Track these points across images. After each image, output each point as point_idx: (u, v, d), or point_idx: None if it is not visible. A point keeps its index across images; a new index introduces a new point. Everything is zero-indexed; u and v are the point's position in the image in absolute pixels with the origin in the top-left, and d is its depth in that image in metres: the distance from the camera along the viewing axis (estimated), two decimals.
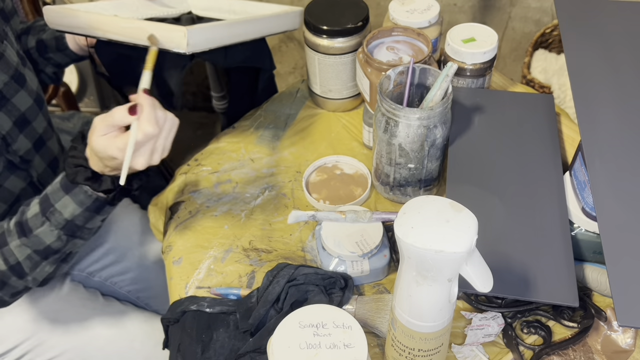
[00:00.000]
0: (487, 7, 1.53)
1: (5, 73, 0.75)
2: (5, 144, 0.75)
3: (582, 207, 0.66)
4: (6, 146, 0.75)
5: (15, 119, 0.76)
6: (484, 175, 0.72)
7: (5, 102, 0.74)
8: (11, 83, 0.75)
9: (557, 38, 1.52)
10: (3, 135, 0.74)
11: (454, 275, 0.49)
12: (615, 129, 0.66)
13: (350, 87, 0.90)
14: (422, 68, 0.72)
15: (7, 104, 0.75)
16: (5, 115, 0.75)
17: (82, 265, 0.95)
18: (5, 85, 0.74)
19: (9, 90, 0.75)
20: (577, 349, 0.64)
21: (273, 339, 0.49)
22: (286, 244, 0.76)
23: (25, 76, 0.78)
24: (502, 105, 0.79)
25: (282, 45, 1.66)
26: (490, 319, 0.65)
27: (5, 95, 0.74)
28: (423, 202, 0.49)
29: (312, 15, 0.85)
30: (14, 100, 0.76)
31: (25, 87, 0.77)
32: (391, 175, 0.75)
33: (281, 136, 0.91)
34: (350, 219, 0.70)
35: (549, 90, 1.42)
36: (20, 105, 0.77)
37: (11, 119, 0.75)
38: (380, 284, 0.71)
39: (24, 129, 0.78)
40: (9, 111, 0.75)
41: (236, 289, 0.70)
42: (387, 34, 0.82)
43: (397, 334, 0.55)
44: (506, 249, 0.65)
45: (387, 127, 0.70)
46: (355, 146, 0.88)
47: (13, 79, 0.75)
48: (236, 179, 0.85)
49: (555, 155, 0.73)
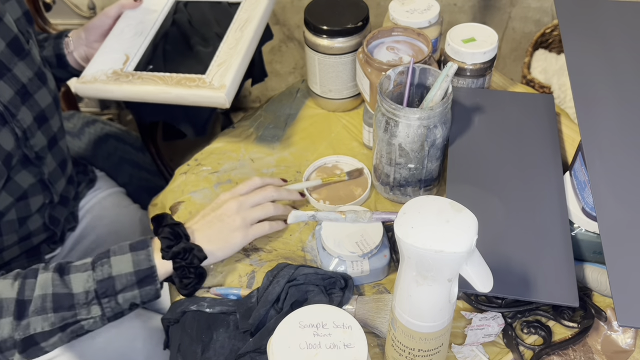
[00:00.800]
0: (487, 7, 1.53)
1: (31, 69, 0.78)
2: (25, 138, 0.77)
3: (582, 207, 0.66)
4: (25, 140, 0.77)
5: (35, 114, 0.79)
6: (484, 175, 0.72)
7: (28, 97, 0.77)
8: (35, 80, 0.78)
9: (557, 38, 1.52)
10: (24, 129, 0.76)
11: (454, 275, 0.49)
12: (615, 129, 0.66)
13: (350, 87, 0.90)
14: (422, 68, 0.72)
15: (30, 99, 0.78)
16: (28, 110, 0.77)
17: None
18: (29, 81, 0.78)
19: (32, 86, 0.78)
20: (577, 349, 0.64)
21: (273, 339, 0.49)
22: (286, 244, 0.76)
23: (47, 75, 0.81)
24: (502, 105, 0.79)
25: (282, 45, 1.66)
26: (490, 319, 0.65)
27: (29, 91, 0.77)
28: (423, 202, 0.49)
29: (312, 15, 0.85)
30: (37, 96, 0.79)
31: (46, 85, 0.80)
32: (391, 175, 0.75)
33: (281, 136, 0.91)
34: (350, 219, 0.70)
35: (549, 90, 1.42)
36: (41, 102, 0.80)
37: (32, 114, 0.78)
38: (380, 284, 0.71)
39: (42, 125, 0.81)
40: (31, 106, 0.78)
41: (236, 289, 0.70)
42: (387, 34, 0.82)
43: (397, 334, 0.55)
44: (506, 249, 0.65)
45: (387, 127, 0.70)
46: (355, 146, 0.88)
47: (37, 76, 0.79)
48: (236, 179, 0.85)
49: (555, 155, 0.73)
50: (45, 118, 0.81)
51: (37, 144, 0.80)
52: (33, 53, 0.79)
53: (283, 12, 1.57)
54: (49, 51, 0.91)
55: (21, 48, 0.77)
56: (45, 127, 0.82)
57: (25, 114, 0.77)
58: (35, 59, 0.80)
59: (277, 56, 1.68)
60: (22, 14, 0.80)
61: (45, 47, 0.91)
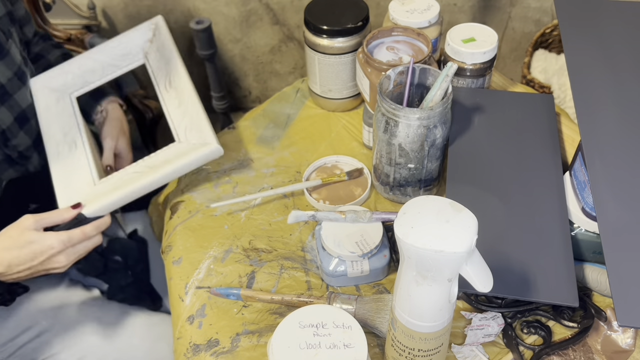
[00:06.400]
0: (487, 7, 1.53)
1: (10, 69, 0.77)
2: (4, 139, 0.76)
3: (582, 207, 0.66)
4: (5, 141, 0.76)
5: (16, 115, 0.78)
6: (484, 175, 0.72)
7: (7, 98, 0.76)
8: (14, 79, 0.77)
9: (557, 38, 1.52)
10: (3, 130, 0.75)
11: (454, 275, 0.49)
12: (615, 129, 0.66)
13: (350, 87, 0.90)
14: (422, 68, 0.72)
15: (10, 100, 0.77)
16: (7, 111, 0.76)
17: None
18: (8, 81, 0.76)
19: (12, 86, 0.77)
20: (577, 349, 0.64)
21: (273, 339, 0.49)
22: (286, 244, 0.76)
23: (27, 75, 0.80)
24: (502, 105, 0.79)
25: (282, 45, 1.66)
26: (490, 319, 0.65)
27: (8, 91, 0.76)
28: (423, 202, 0.49)
29: (312, 15, 0.85)
30: (16, 96, 0.78)
31: (26, 85, 0.79)
32: (391, 175, 0.75)
33: (281, 136, 0.91)
34: (350, 219, 0.70)
35: (549, 90, 1.42)
36: (22, 102, 0.78)
37: (12, 114, 0.77)
38: (380, 284, 0.71)
39: (24, 125, 0.80)
40: (10, 107, 0.77)
41: (236, 289, 0.70)
42: (387, 34, 0.82)
43: (397, 334, 0.55)
44: (506, 249, 0.65)
45: (387, 127, 0.70)
46: (355, 146, 0.88)
47: (16, 76, 0.77)
48: (236, 179, 0.85)
49: (555, 155, 0.73)
50: (26, 118, 0.80)
51: (21, 143, 0.79)
52: (12, 52, 0.78)
53: (283, 12, 1.57)
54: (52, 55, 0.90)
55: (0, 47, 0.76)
56: (27, 127, 0.81)
57: (4, 114, 0.76)
58: (15, 59, 0.78)
59: (277, 56, 1.68)
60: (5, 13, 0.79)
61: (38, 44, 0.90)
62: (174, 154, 0.76)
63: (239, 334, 0.67)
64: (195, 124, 0.78)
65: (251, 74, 1.73)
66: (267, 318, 0.69)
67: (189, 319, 0.70)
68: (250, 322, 0.69)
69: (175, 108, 0.80)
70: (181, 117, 0.79)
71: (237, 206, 0.81)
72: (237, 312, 0.70)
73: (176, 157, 0.76)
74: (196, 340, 0.68)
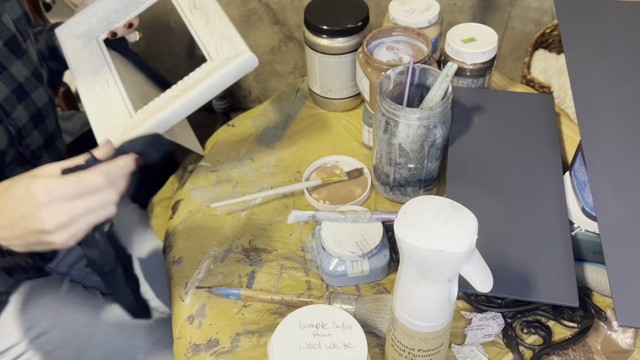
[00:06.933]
0: (487, 7, 1.53)
1: (28, 69, 0.78)
2: (19, 137, 0.77)
3: (582, 207, 0.66)
4: (20, 139, 0.77)
5: (32, 113, 0.79)
6: (484, 175, 0.72)
7: (25, 97, 0.78)
8: (32, 79, 0.79)
9: (557, 38, 1.52)
10: (19, 128, 0.76)
11: (454, 275, 0.49)
12: (615, 129, 0.66)
13: (350, 87, 0.90)
14: (422, 68, 0.72)
15: (27, 98, 0.78)
16: (24, 109, 0.78)
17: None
18: (27, 80, 0.78)
19: (29, 85, 0.78)
20: (577, 349, 0.64)
21: (273, 339, 0.49)
22: (286, 244, 0.76)
23: (43, 75, 0.82)
24: (502, 105, 0.79)
25: (282, 45, 1.66)
26: (490, 319, 0.65)
27: (26, 90, 0.78)
28: (423, 202, 0.49)
29: (312, 15, 0.85)
30: (33, 95, 0.79)
31: (43, 85, 0.81)
32: (391, 175, 0.75)
33: (281, 136, 0.91)
34: (350, 219, 0.70)
35: (549, 90, 1.42)
36: (38, 101, 0.80)
37: (29, 113, 0.79)
38: (380, 284, 0.71)
39: (38, 124, 0.81)
40: (27, 105, 0.78)
41: (236, 289, 0.70)
42: (387, 34, 0.82)
43: (397, 334, 0.55)
44: (506, 249, 0.65)
45: (387, 127, 0.70)
46: (355, 146, 0.88)
47: (34, 75, 0.79)
48: (236, 179, 0.85)
49: (555, 155, 0.73)
50: (42, 117, 0.82)
51: (33, 142, 0.80)
52: (30, 52, 0.80)
53: (283, 12, 1.56)
54: (41, 44, 0.90)
55: (18, 47, 0.77)
56: (42, 126, 0.82)
57: (21, 112, 0.77)
58: (33, 59, 0.80)
59: (277, 56, 1.68)
60: (22, 14, 0.81)
61: (39, 40, 0.91)
62: (207, 72, 0.74)
63: (239, 334, 0.67)
64: (225, 38, 0.76)
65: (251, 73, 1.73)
66: (267, 318, 0.69)
67: (189, 318, 0.70)
68: (250, 322, 0.69)
69: (203, 28, 0.80)
70: (210, 36, 0.78)
71: (237, 206, 0.81)
72: (237, 312, 0.70)
73: (210, 74, 0.73)
74: (196, 340, 0.68)
